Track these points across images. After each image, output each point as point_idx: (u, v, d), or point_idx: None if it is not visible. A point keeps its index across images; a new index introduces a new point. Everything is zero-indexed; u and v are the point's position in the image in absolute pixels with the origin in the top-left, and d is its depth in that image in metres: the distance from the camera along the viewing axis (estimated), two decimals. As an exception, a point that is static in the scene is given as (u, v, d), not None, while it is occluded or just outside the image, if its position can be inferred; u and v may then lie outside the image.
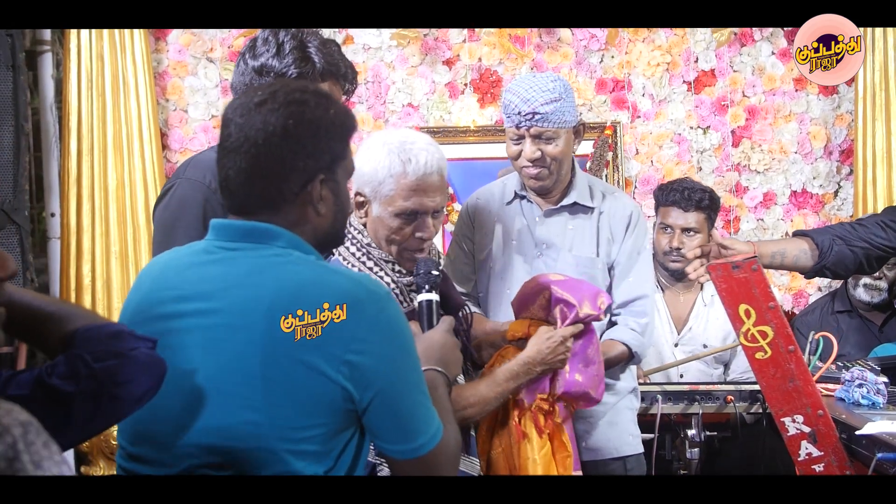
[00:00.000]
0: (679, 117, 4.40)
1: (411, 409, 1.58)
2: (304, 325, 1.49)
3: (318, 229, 1.63)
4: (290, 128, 1.56)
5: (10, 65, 3.78)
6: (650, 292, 2.74)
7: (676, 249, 3.48)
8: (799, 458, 2.40)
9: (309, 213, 1.61)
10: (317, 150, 1.59)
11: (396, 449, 1.59)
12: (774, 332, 2.36)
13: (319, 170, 1.59)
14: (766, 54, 4.39)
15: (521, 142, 2.61)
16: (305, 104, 1.59)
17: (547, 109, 2.55)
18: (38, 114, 4.12)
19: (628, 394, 2.73)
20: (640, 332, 2.66)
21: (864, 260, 2.88)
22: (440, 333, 1.95)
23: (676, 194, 3.54)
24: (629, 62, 4.40)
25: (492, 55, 4.37)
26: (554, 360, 2.22)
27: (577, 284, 2.33)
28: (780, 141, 4.40)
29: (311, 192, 1.59)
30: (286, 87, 1.62)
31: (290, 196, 1.59)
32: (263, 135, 1.55)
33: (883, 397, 2.54)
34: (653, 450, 2.85)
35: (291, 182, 1.58)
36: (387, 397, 1.55)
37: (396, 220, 2.10)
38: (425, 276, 2.06)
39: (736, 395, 3.01)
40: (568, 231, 2.70)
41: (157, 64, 4.33)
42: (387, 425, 1.57)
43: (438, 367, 1.85)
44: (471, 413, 2.12)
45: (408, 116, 4.38)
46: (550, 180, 2.66)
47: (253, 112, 1.57)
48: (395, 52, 4.38)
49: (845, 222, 3.03)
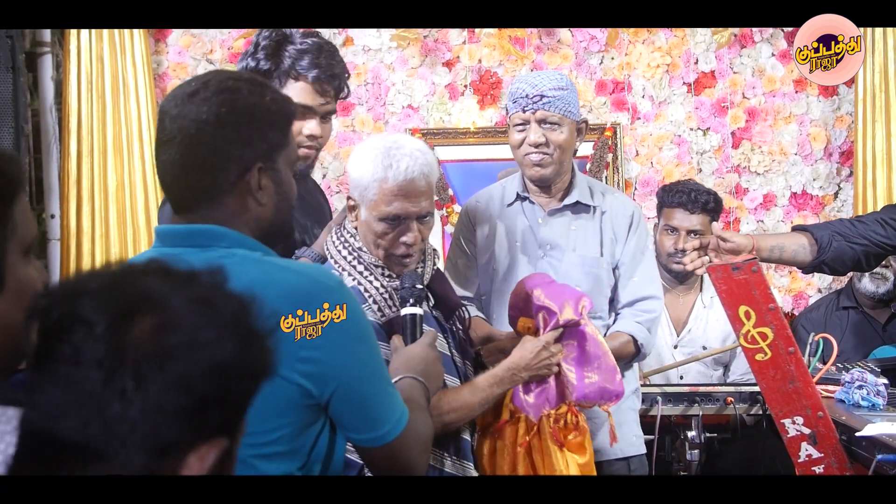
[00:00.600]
0: (679, 119, 4.41)
1: (373, 398, 1.56)
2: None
3: (260, 220, 1.58)
4: (223, 116, 1.51)
5: (9, 66, 3.78)
6: (657, 293, 2.74)
7: (682, 251, 3.47)
8: (799, 459, 2.40)
9: (249, 203, 1.56)
10: (253, 139, 1.54)
11: (362, 438, 1.58)
12: (774, 333, 2.37)
13: (257, 158, 1.54)
14: (766, 56, 4.39)
15: (525, 128, 2.63)
16: (238, 92, 1.54)
17: (554, 94, 2.58)
18: (38, 115, 4.11)
19: (631, 394, 2.73)
20: (645, 326, 2.65)
21: (862, 257, 2.88)
22: (421, 347, 1.95)
23: (682, 196, 3.53)
24: (629, 64, 4.40)
25: (492, 57, 4.37)
26: (538, 365, 2.21)
27: (559, 290, 2.31)
28: (780, 142, 4.40)
29: (249, 182, 1.54)
30: (219, 75, 1.58)
31: (228, 186, 1.54)
32: (196, 125, 1.51)
33: (883, 399, 2.54)
34: (653, 451, 2.85)
35: (228, 172, 1.53)
36: (347, 389, 1.53)
37: (381, 225, 2.10)
38: (410, 289, 2.06)
39: (736, 397, 3.01)
40: (571, 231, 2.70)
41: (157, 65, 4.33)
42: (350, 416, 1.56)
43: (417, 377, 1.84)
44: (453, 418, 2.11)
45: (408, 118, 4.38)
46: (552, 170, 2.65)
47: (186, 102, 1.52)
48: (394, 54, 4.38)
49: (845, 219, 3.02)
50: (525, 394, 2.25)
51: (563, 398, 2.26)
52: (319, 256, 2.21)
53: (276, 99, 1.59)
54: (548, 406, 2.24)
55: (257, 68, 2.33)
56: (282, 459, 1.50)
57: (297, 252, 2.25)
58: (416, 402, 1.77)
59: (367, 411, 1.56)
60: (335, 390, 1.52)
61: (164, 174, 1.56)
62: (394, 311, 2.07)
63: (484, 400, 2.18)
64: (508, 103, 2.69)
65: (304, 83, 2.33)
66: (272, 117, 1.57)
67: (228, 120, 1.51)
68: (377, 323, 2.05)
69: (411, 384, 1.83)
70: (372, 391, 1.56)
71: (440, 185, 4.35)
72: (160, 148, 1.55)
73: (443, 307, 2.26)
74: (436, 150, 4.36)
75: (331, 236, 2.20)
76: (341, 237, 2.17)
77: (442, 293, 2.25)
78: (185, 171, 1.53)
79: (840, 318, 3.83)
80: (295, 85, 2.32)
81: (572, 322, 2.25)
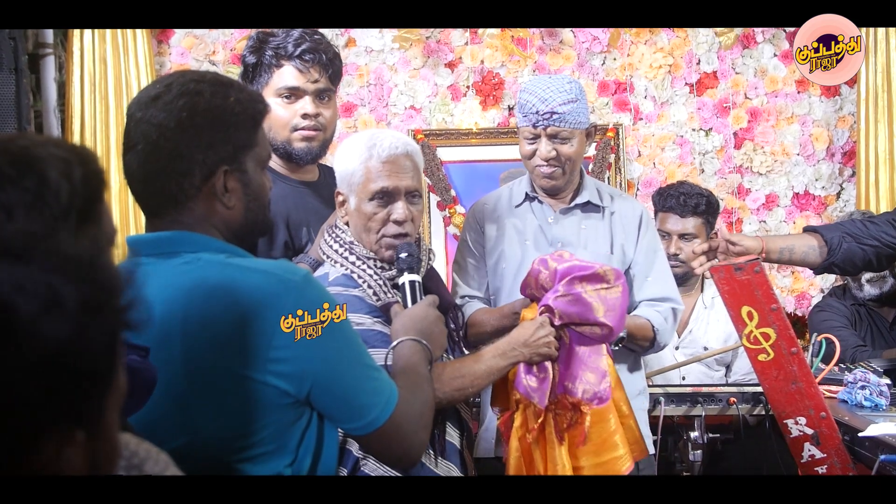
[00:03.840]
0: (681, 119, 4.41)
1: (354, 387, 1.54)
2: (221, 332, 1.44)
3: (230, 222, 1.56)
4: (184, 120, 1.49)
5: (12, 68, 3.78)
6: (674, 294, 2.74)
7: (674, 255, 3.46)
8: (802, 460, 2.40)
9: (216, 206, 1.54)
10: (215, 141, 1.51)
11: (351, 427, 1.56)
12: (777, 334, 2.37)
13: (221, 161, 1.52)
14: (769, 56, 4.40)
15: (535, 141, 2.63)
16: (200, 94, 1.51)
17: (564, 110, 2.58)
18: (41, 117, 4.12)
19: (638, 395, 2.73)
20: (663, 316, 2.65)
21: (873, 258, 2.87)
22: (422, 307, 1.93)
23: (672, 200, 3.52)
24: (631, 64, 4.40)
25: (494, 57, 4.38)
26: (537, 342, 2.19)
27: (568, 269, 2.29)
28: (782, 143, 4.40)
29: (215, 185, 1.52)
30: (182, 77, 1.55)
31: (193, 191, 1.51)
32: (157, 130, 1.49)
33: (886, 399, 2.54)
34: (656, 452, 2.85)
35: (192, 176, 1.51)
36: (325, 383, 1.51)
37: (370, 205, 2.10)
38: (407, 258, 2.07)
39: (738, 397, 3.00)
40: (581, 230, 2.71)
41: (159, 67, 4.33)
42: (334, 408, 1.54)
43: (418, 338, 1.83)
44: (457, 385, 2.08)
45: (410, 119, 4.38)
46: (563, 180, 2.68)
47: (149, 106, 1.51)
48: (397, 55, 4.38)
49: (856, 219, 3.02)
50: (527, 377, 2.23)
51: (563, 395, 2.25)
52: (316, 262, 2.21)
53: (240, 100, 1.56)
54: (553, 393, 2.23)
55: (245, 64, 2.42)
56: (268, 458, 1.48)
57: (295, 259, 2.26)
58: (416, 368, 1.74)
59: (350, 401, 1.54)
60: (312, 386, 1.50)
61: (130, 180, 1.55)
62: (389, 296, 2.06)
63: (488, 370, 2.16)
64: (518, 115, 2.69)
65: (287, 65, 2.38)
66: (236, 118, 1.54)
67: (190, 124, 1.49)
68: (374, 305, 2.04)
69: (412, 347, 1.81)
70: (352, 380, 1.54)
71: (443, 186, 4.35)
72: (126, 153, 1.54)
73: (438, 306, 2.26)
74: (438, 151, 4.37)
75: (324, 237, 2.21)
76: (333, 234, 2.18)
77: (436, 292, 2.24)
78: (150, 176, 1.52)
79: (851, 313, 3.82)
80: (279, 71, 2.39)
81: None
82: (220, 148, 1.52)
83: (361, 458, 1.99)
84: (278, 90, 2.38)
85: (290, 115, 2.39)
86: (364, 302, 2.04)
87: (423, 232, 4.32)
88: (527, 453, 2.27)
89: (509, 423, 2.28)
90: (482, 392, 2.66)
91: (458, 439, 2.19)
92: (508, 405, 2.31)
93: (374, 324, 2.01)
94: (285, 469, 1.50)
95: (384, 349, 1.88)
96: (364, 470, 2.00)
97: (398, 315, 1.95)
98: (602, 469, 2.24)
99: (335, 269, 2.11)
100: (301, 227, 2.38)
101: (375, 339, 1.95)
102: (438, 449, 2.11)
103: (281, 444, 1.50)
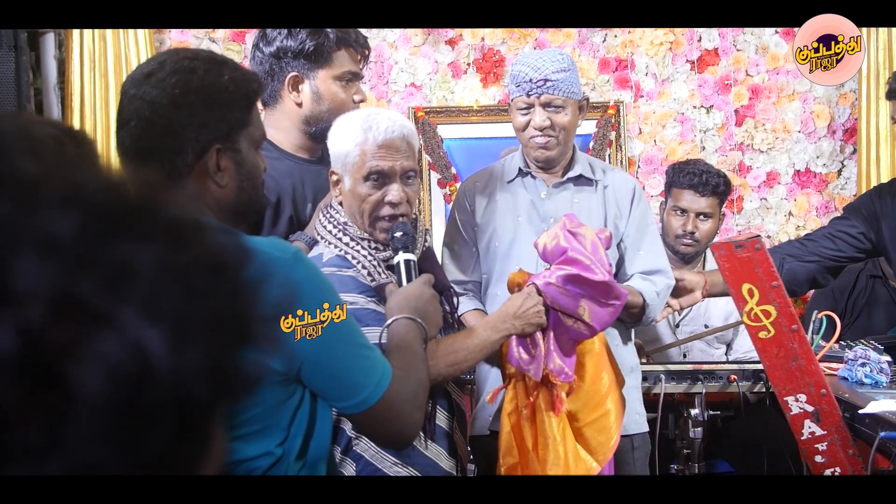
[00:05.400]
0: (682, 97, 4.40)
1: (346, 365, 1.54)
2: None
3: (222, 201, 1.55)
4: (177, 98, 1.48)
5: (11, 45, 3.77)
6: (665, 267, 2.74)
7: (690, 233, 3.46)
8: (802, 437, 2.41)
9: (209, 185, 1.53)
10: (209, 120, 1.51)
11: (343, 406, 1.56)
12: (778, 311, 2.37)
13: (215, 139, 1.52)
14: (770, 33, 4.38)
15: (529, 111, 2.63)
16: (193, 72, 1.51)
17: (558, 77, 2.58)
18: (41, 94, 4.11)
19: (630, 372, 2.73)
20: (654, 289, 2.66)
21: (817, 275, 2.97)
22: (416, 285, 1.93)
23: (694, 178, 3.49)
24: (632, 41, 4.39)
25: (494, 35, 4.36)
26: (526, 313, 2.19)
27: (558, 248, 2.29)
28: (783, 120, 4.40)
29: (207, 164, 1.52)
30: (176, 55, 1.55)
31: (185, 169, 1.51)
32: (150, 107, 1.49)
33: (886, 376, 2.54)
34: (656, 429, 2.86)
35: (184, 154, 1.50)
36: (316, 361, 1.50)
37: (365, 186, 2.09)
38: (402, 237, 2.06)
39: (739, 375, 3.01)
40: (574, 205, 2.71)
41: (159, 44, 4.32)
42: (326, 386, 1.54)
43: (413, 316, 1.82)
44: (451, 360, 2.07)
45: (410, 96, 4.37)
46: (557, 151, 2.67)
47: (142, 83, 1.50)
48: (397, 32, 4.36)
49: (794, 239, 3.14)
50: (519, 350, 2.24)
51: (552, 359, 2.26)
52: (312, 240, 2.21)
53: (234, 78, 1.55)
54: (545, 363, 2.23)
55: (298, 46, 2.35)
56: (258, 437, 1.47)
57: (292, 237, 2.26)
58: (410, 346, 1.74)
59: (341, 380, 1.53)
60: (303, 363, 1.49)
61: (123, 156, 1.54)
62: (383, 277, 2.06)
63: (481, 343, 2.15)
64: (511, 86, 2.68)
65: (346, 50, 2.39)
66: (230, 97, 1.54)
67: (183, 101, 1.49)
68: (368, 285, 2.04)
69: (406, 325, 1.81)
70: (343, 358, 1.53)
71: (443, 164, 4.34)
72: (119, 130, 1.54)
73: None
74: (439, 129, 4.36)
75: (319, 217, 2.20)
76: (327, 214, 2.16)
77: (431, 273, 2.24)
78: (142, 153, 1.51)
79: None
80: (339, 53, 2.38)
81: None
82: (214, 126, 1.52)
83: (354, 438, 1.99)
84: (342, 73, 2.38)
85: (348, 99, 2.41)
86: (358, 281, 2.03)
87: (424, 210, 4.32)
88: (517, 428, 2.28)
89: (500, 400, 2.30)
90: (476, 370, 2.67)
91: (447, 422, 2.18)
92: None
93: (368, 303, 2.00)
94: (276, 448, 1.49)
95: (378, 328, 1.88)
96: (356, 450, 2.00)
97: (393, 293, 1.95)
98: (594, 427, 2.28)
99: (329, 249, 2.10)
100: (306, 202, 2.38)
101: (369, 318, 1.94)
102: (429, 432, 2.12)
103: (272, 422, 1.48)
